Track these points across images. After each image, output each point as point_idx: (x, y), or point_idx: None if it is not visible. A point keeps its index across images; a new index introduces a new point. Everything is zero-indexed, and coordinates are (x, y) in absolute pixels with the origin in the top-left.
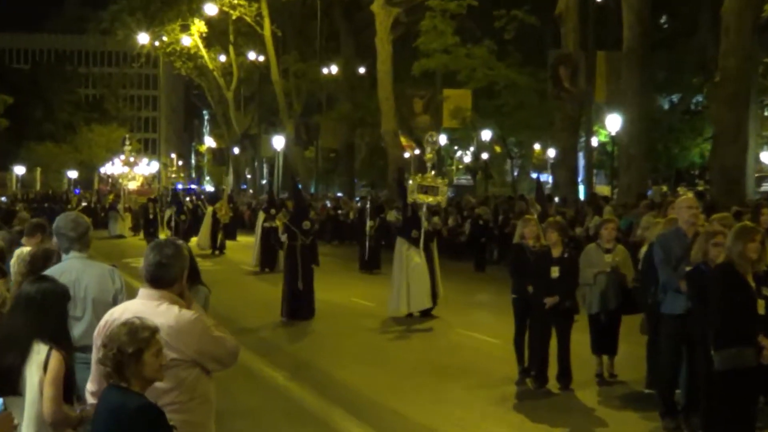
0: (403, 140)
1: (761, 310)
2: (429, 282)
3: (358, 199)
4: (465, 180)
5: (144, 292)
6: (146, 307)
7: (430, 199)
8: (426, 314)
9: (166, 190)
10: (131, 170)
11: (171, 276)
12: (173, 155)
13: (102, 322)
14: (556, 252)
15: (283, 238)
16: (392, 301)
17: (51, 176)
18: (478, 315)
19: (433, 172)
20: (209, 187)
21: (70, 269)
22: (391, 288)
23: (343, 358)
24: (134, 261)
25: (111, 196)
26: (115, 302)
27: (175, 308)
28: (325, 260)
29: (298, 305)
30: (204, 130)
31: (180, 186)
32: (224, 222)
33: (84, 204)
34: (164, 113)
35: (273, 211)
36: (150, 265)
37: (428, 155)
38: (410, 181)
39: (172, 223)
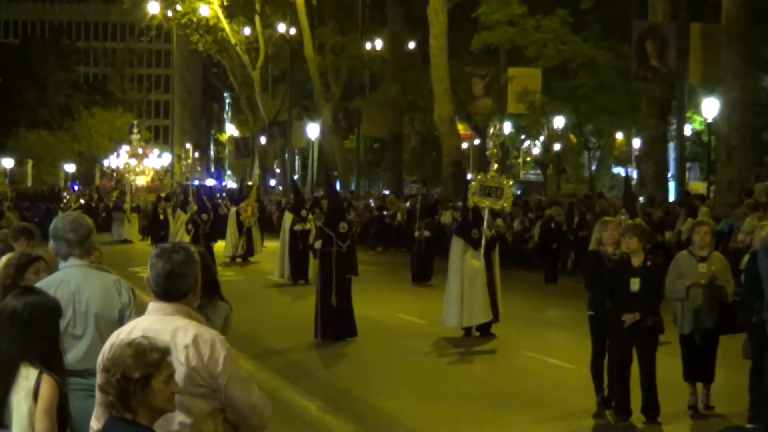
0: (460, 128)
1: None
2: (488, 292)
3: (406, 197)
4: (533, 175)
5: (154, 306)
6: (159, 323)
7: (493, 203)
8: (486, 333)
9: (180, 187)
10: (139, 163)
11: (184, 286)
12: (188, 145)
13: (108, 345)
14: (636, 261)
15: (317, 243)
16: (447, 314)
17: (44, 170)
18: (549, 335)
19: (495, 166)
20: (231, 183)
21: (69, 279)
22: (446, 298)
23: (387, 386)
24: (142, 270)
25: (115, 194)
26: (121, 319)
27: (193, 325)
28: (367, 270)
29: (334, 323)
30: (225, 116)
31: (196, 182)
32: (248, 225)
33: (82, 202)
34: (178, 96)
35: (304, 212)
36: (159, 276)
37: (492, 150)
38: (471, 182)
39: (190, 226)
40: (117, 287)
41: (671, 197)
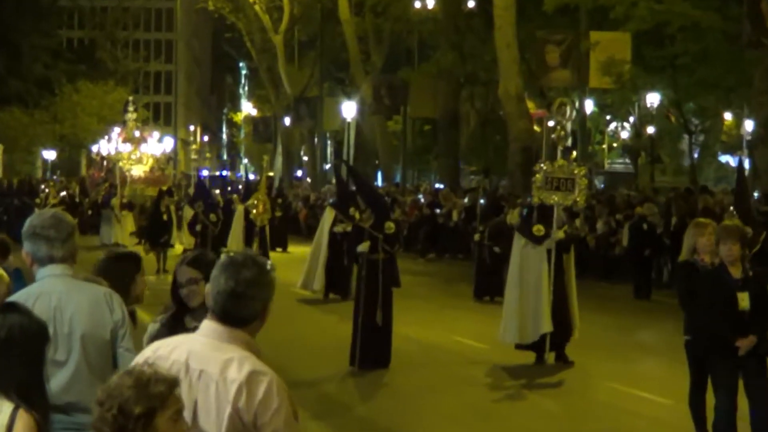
0: (531, 106)
1: None
2: (549, 300)
3: (465, 192)
4: (621, 165)
5: (209, 327)
6: (210, 349)
7: (560, 198)
8: (561, 358)
9: (186, 179)
10: (135, 149)
11: (249, 311)
12: (192, 127)
13: (140, 358)
14: (736, 271)
15: (363, 246)
16: (504, 329)
17: (18, 157)
18: (638, 362)
19: (566, 149)
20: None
21: (49, 292)
22: (504, 308)
23: (438, 423)
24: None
25: (105, 187)
26: (114, 340)
27: (251, 360)
28: (415, 282)
29: (376, 348)
30: (241, 91)
31: (204, 172)
32: (261, 225)
33: (63, 195)
34: (183, 67)
35: (353, 210)
36: (219, 294)
37: (558, 131)
38: (536, 173)
39: (198, 227)
40: (108, 302)
41: None
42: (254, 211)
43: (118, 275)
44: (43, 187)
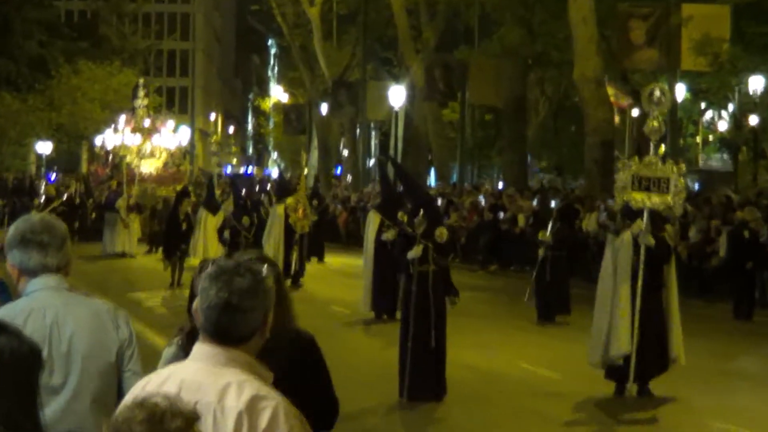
0: (611, 93)
1: None
2: (630, 319)
3: (533, 193)
4: (718, 162)
5: (202, 350)
6: (205, 376)
7: (655, 200)
8: (643, 391)
9: (205, 176)
10: (146, 140)
11: (247, 326)
12: (213, 116)
13: (129, 397)
14: None
15: (414, 252)
16: (590, 349)
17: (9, 150)
18: (741, 395)
19: (661, 148)
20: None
21: (43, 306)
22: (593, 326)
23: None
24: (149, 297)
25: (112, 185)
26: (120, 362)
27: (253, 383)
28: (475, 298)
29: (429, 376)
30: (269, 74)
31: (228, 169)
32: (302, 232)
33: (65, 197)
34: (202, 45)
35: (402, 214)
36: (210, 308)
37: (652, 123)
38: (620, 171)
39: (226, 234)
40: (113, 318)
41: None
42: (293, 214)
43: None
44: (41, 185)
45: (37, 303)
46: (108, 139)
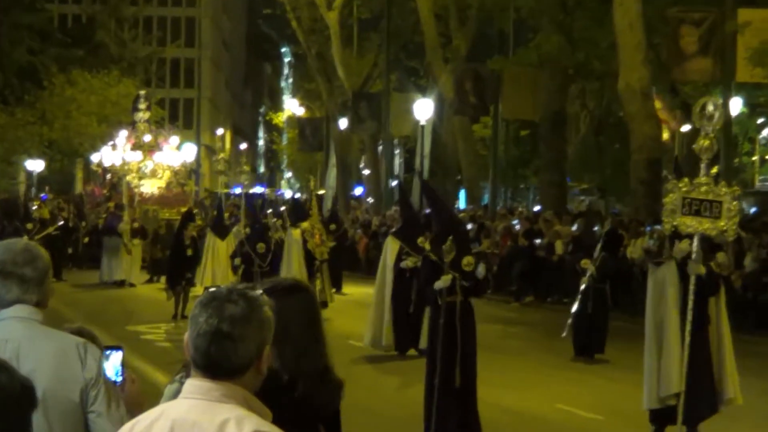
0: (659, 107)
1: None
2: (680, 354)
3: (573, 217)
4: None
5: (194, 385)
6: (198, 413)
7: (706, 225)
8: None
9: (213, 198)
10: (147, 157)
11: (240, 357)
12: (221, 131)
13: None
14: None
15: (440, 283)
16: (646, 393)
17: None
18: None
19: (715, 169)
20: (289, 192)
21: (6, 337)
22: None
23: None
24: (150, 330)
25: (110, 206)
26: (83, 402)
27: (252, 419)
28: (508, 333)
29: (456, 417)
30: (283, 84)
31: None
32: (322, 258)
33: (60, 222)
34: (209, 53)
35: (422, 240)
36: (199, 336)
37: (703, 141)
38: (669, 193)
39: (237, 260)
40: (81, 355)
41: None
42: (311, 240)
43: None
44: (33, 207)
45: (1, 333)
46: (105, 156)
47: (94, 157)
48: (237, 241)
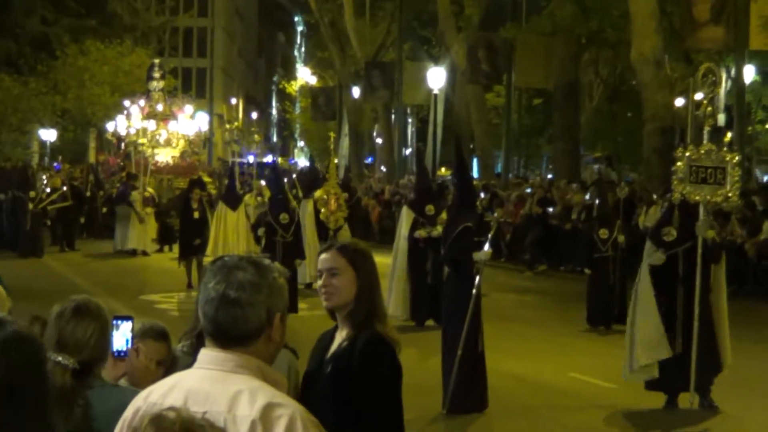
0: (671, 73)
1: None
2: (658, 320)
3: (586, 185)
4: None
5: (207, 355)
6: (211, 383)
7: (707, 194)
8: (704, 400)
9: (225, 166)
10: (162, 125)
11: (250, 324)
12: (235, 100)
13: (129, 412)
14: None
15: (483, 255)
16: (628, 359)
17: (9, 138)
18: None
19: (718, 129)
20: (303, 161)
21: None
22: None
23: None
24: (163, 299)
25: (122, 175)
26: None
27: (266, 390)
28: (521, 302)
29: (477, 387)
30: (296, 53)
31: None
32: (336, 227)
33: (64, 189)
34: (222, 22)
35: (430, 208)
36: (209, 302)
37: (705, 107)
38: (676, 161)
39: (261, 231)
40: None
41: None
42: (325, 208)
43: None
44: (44, 177)
45: None
46: (120, 125)
47: (110, 126)
48: (258, 211)
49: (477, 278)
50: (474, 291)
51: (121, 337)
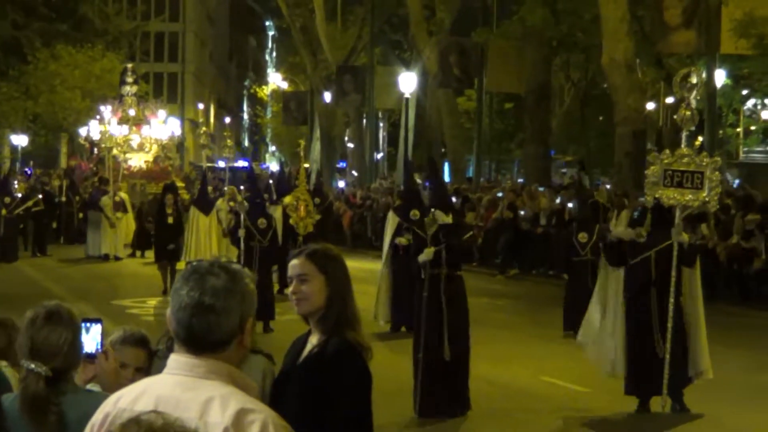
0: (645, 79)
1: None
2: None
3: (557, 189)
4: (760, 155)
5: (178, 361)
6: (182, 390)
7: (688, 197)
8: (679, 406)
9: (198, 171)
10: (135, 130)
11: (223, 330)
12: (203, 105)
13: (98, 416)
14: None
15: (423, 256)
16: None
17: None
18: None
19: (698, 140)
20: (275, 166)
21: None
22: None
23: None
24: (135, 304)
25: (94, 181)
26: None
27: (238, 396)
28: (493, 306)
29: (443, 392)
30: (267, 58)
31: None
32: (304, 233)
33: (39, 197)
34: (193, 26)
35: (415, 212)
36: (181, 309)
37: (683, 111)
38: (650, 165)
39: (240, 233)
40: None
41: None
42: (294, 214)
43: None
44: (14, 182)
45: None
46: (93, 129)
47: (83, 131)
48: (230, 216)
49: (425, 281)
50: (426, 294)
51: (91, 340)
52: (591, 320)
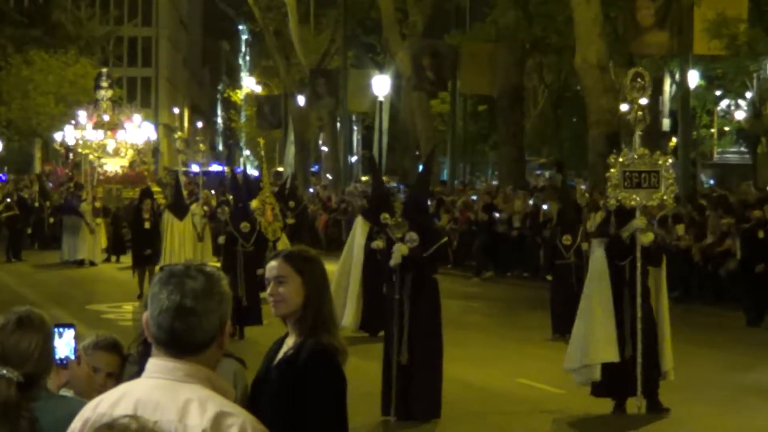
0: (615, 79)
1: None
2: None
3: (531, 191)
4: (735, 155)
5: (156, 365)
6: (161, 393)
7: (642, 198)
8: (653, 405)
9: (171, 175)
10: (110, 135)
11: (203, 333)
12: (178, 110)
13: (77, 423)
14: None
15: (393, 260)
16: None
17: None
18: (757, 412)
19: (663, 134)
20: (250, 170)
21: None
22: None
23: None
24: (111, 309)
25: (70, 186)
26: None
27: (216, 399)
28: (468, 308)
29: (409, 395)
30: (240, 62)
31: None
32: (274, 238)
33: (8, 201)
34: (166, 31)
35: (386, 216)
36: (162, 313)
37: (635, 109)
38: (610, 168)
39: (221, 240)
40: None
41: None
42: (261, 219)
43: None
44: None
45: None
46: (68, 134)
47: (57, 136)
48: (204, 221)
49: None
50: (397, 296)
51: (65, 345)
52: (577, 344)
